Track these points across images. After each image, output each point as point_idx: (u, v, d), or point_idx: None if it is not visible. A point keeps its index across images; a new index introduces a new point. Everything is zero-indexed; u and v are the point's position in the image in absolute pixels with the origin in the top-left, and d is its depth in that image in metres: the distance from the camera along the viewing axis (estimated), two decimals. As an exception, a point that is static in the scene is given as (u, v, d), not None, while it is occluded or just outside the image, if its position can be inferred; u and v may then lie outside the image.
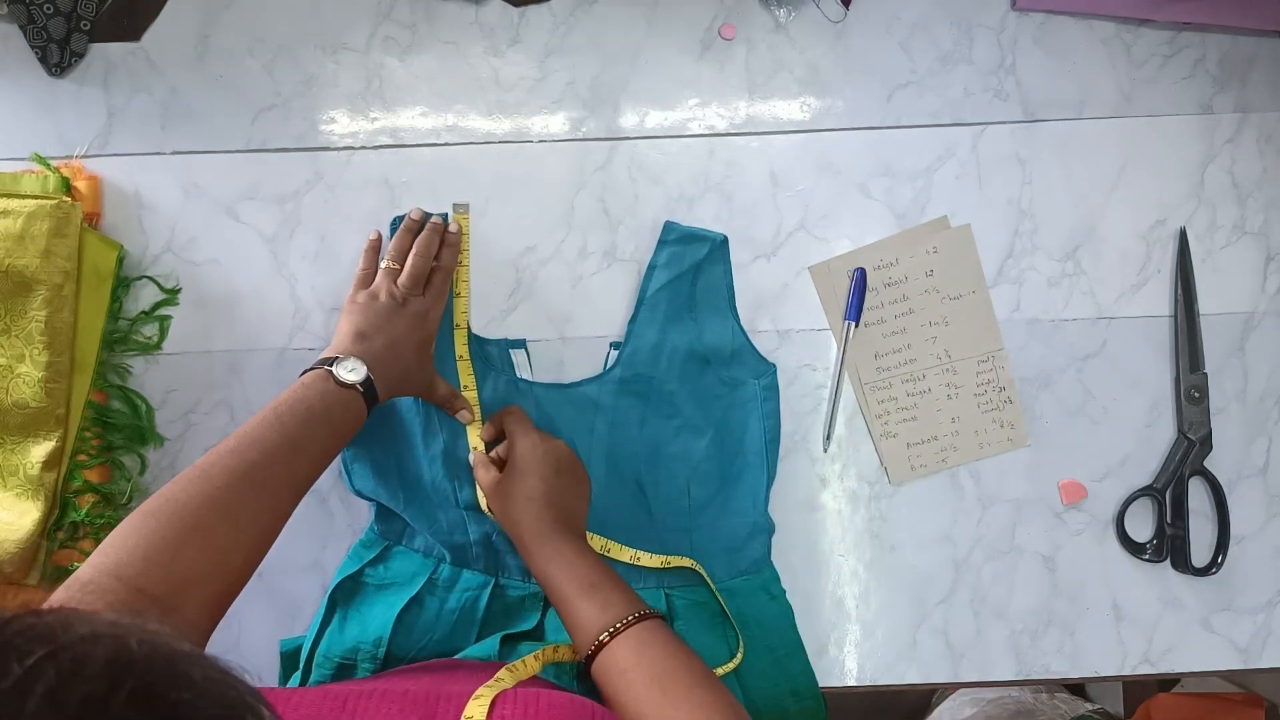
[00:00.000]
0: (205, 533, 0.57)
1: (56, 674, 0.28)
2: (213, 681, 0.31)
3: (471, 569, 0.77)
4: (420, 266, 0.75)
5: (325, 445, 0.65)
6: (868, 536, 0.82)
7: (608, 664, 0.62)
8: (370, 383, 0.67)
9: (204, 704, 0.30)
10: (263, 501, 0.60)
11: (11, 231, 0.74)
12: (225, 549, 0.58)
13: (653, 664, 0.61)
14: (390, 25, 0.83)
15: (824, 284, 0.82)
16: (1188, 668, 0.82)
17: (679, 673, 0.60)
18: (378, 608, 0.76)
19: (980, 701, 1.39)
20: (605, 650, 0.63)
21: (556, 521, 0.70)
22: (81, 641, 0.30)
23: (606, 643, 0.63)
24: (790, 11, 0.83)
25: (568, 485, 0.73)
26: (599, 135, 0.83)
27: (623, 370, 0.79)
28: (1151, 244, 0.83)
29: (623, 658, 0.62)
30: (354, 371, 0.67)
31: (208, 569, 0.57)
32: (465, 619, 0.76)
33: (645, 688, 0.60)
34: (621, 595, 0.65)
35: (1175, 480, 0.82)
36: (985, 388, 0.82)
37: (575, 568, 0.67)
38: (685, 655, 0.62)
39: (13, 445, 0.76)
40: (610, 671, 0.62)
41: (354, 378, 0.66)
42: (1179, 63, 0.84)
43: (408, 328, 0.72)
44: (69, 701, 0.28)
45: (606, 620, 0.63)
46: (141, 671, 0.30)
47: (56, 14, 0.80)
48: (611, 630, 0.63)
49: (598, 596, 0.65)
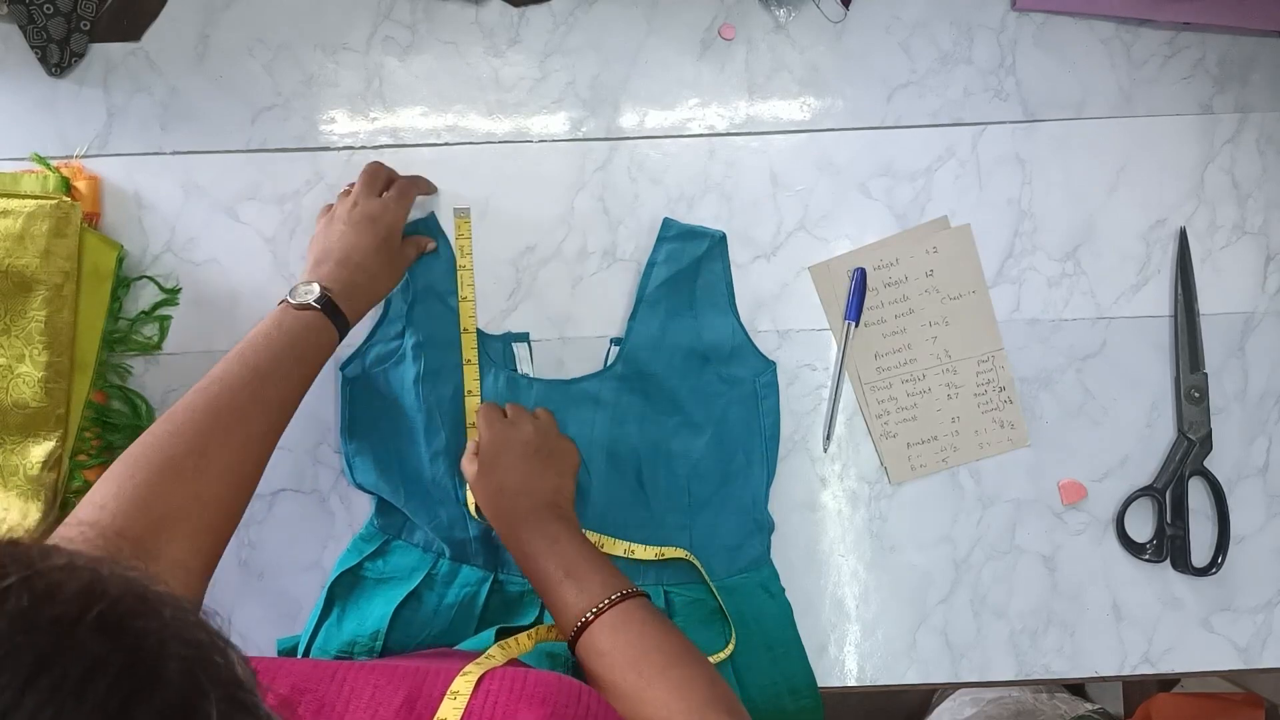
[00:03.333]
0: (174, 469, 0.57)
1: (29, 595, 0.29)
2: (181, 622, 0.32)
3: (471, 564, 0.77)
4: (371, 174, 0.76)
5: (293, 370, 0.65)
6: (868, 536, 0.82)
7: (588, 647, 0.62)
8: (328, 300, 0.67)
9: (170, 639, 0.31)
10: (231, 432, 0.60)
11: (11, 231, 0.74)
12: (198, 483, 0.58)
13: (629, 646, 0.61)
14: (390, 25, 0.83)
15: (824, 284, 0.82)
16: (1188, 668, 0.82)
17: (654, 653, 0.60)
18: (376, 602, 0.76)
19: (980, 701, 1.39)
20: (585, 634, 0.63)
21: (530, 509, 0.69)
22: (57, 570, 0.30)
23: (585, 627, 0.63)
24: (790, 11, 0.83)
25: (538, 467, 0.72)
26: (599, 135, 0.83)
27: (623, 367, 0.79)
28: (1151, 244, 0.83)
29: (601, 641, 0.62)
30: (307, 293, 0.67)
31: (183, 504, 0.57)
32: (464, 614, 0.76)
33: (622, 670, 0.60)
34: (599, 577, 0.65)
35: (1175, 480, 0.82)
36: (985, 388, 0.82)
37: (551, 554, 0.66)
38: (662, 635, 0.62)
39: (13, 445, 0.76)
40: (590, 655, 0.62)
41: (307, 297, 0.67)
42: (1179, 63, 0.84)
43: (358, 234, 0.72)
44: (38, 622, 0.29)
45: (584, 604, 0.63)
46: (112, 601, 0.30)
47: (56, 14, 0.80)
48: (588, 616, 0.63)
49: (574, 581, 0.65)
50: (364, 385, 0.79)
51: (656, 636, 0.61)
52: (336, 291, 0.68)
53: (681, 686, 0.58)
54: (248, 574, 0.80)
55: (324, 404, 0.81)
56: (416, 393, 0.77)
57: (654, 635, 0.61)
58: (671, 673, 0.59)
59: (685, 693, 0.58)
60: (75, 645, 0.29)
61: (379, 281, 0.73)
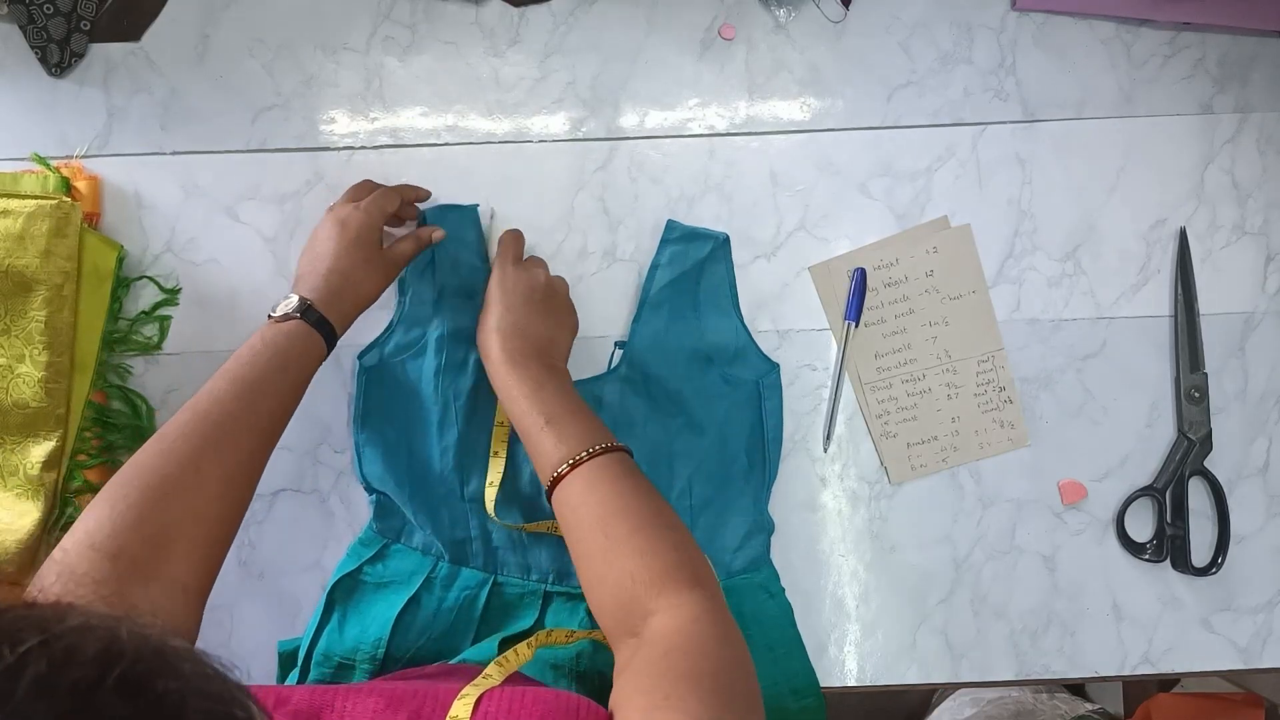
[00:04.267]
0: (169, 488, 0.57)
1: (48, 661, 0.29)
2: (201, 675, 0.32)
3: (470, 566, 0.77)
4: (355, 186, 0.76)
5: (279, 382, 0.64)
6: (868, 536, 0.82)
7: (561, 500, 0.62)
8: (309, 308, 0.67)
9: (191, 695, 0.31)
10: (224, 447, 0.60)
11: (11, 231, 0.74)
12: (194, 501, 0.57)
13: (600, 504, 0.60)
14: (390, 25, 0.83)
15: (824, 284, 0.82)
16: (1188, 668, 0.82)
17: (624, 514, 0.59)
18: (377, 607, 0.76)
19: (980, 701, 1.39)
20: (560, 485, 0.62)
21: (521, 352, 0.69)
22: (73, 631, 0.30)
23: (562, 477, 0.62)
24: (790, 11, 0.83)
25: (539, 314, 0.72)
26: (599, 135, 0.83)
27: (627, 369, 0.79)
28: (1151, 244, 0.83)
29: (575, 494, 0.61)
30: (286, 304, 0.67)
31: (180, 523, 0.56)
32: (464, 617, 0.76)
33: (590, 528, 0.59)
34: (580, 428, 0.64)
35: (1175, 480, 0.82)
36: (985, 388, 0.82)
37: (535, 400, 0.66)
38: (636, 494, 0.61)
39: (13, 445, 0.76)
40: (563, 508, 0.61)
41: (286, 308, 0.66)
42: (1179, 63, 0.84)
43: (327, 239, 0.71)
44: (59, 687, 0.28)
45: (561, 454, 0.62)
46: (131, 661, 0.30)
47: (56, 14, 0.80)
48: (566, 465, 0.62)
49: (554, 429, 0.64)
50: (380, 375, 0.79)
51: (628, 496, 0.60)
52: (317, 300, 0.67)
53: (646, 552, 0.57)
54: (248, 574, 0.80)
55: (324, 404, 0.81)
56: (435, 385, 0.77)
57: (626, 495, 0.60)
58: (638, 537, 0.58)
59: (649, 559, 0.57)
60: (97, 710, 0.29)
61: (360, 285, 0.71)
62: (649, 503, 0.61)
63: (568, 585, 0.77)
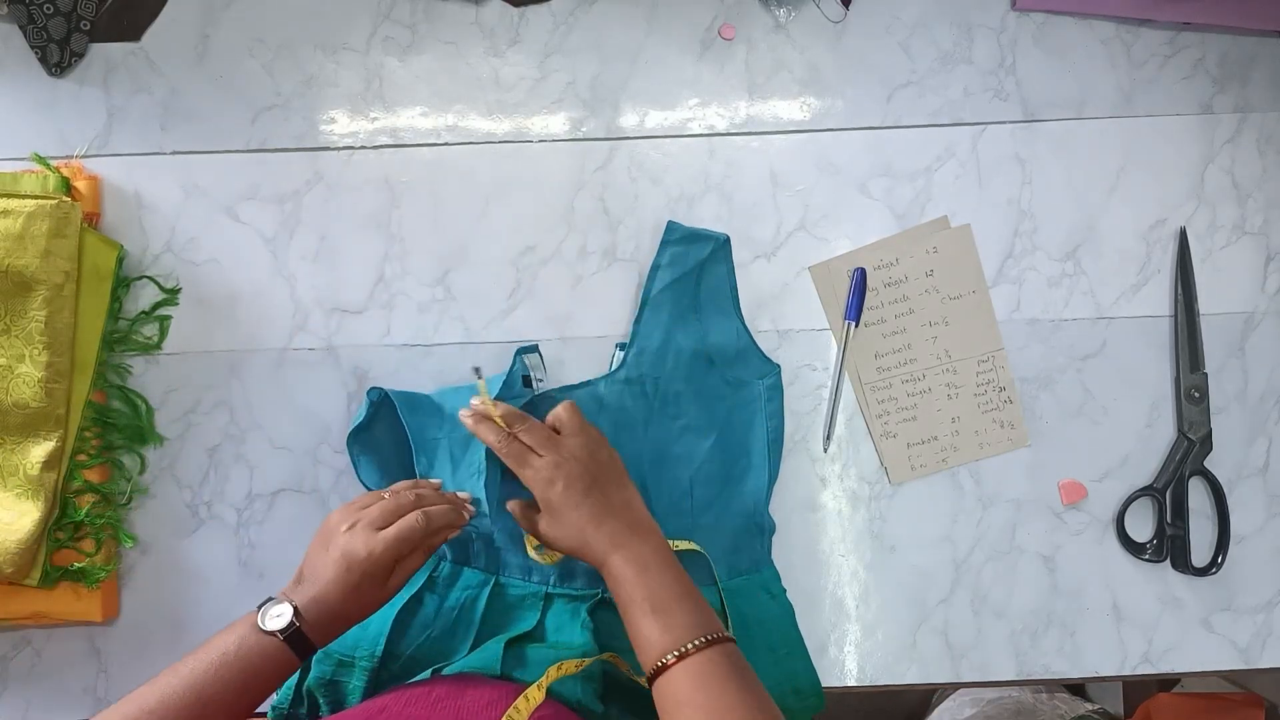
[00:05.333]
0: None
1: None
2: None
3: (472, 567, 0.77)
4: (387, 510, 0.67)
5: (240, 703, 0.61)
6: (868, 536, 0.82)
7: (666, 691, 0.60)
8: (297, 632, 0.62)
9: None
10: None
11: (11, 231, 0.74)
12: None
13: (708, 700, 0.59)
14: (390, 25, 0.83)
15: (824, 284, 0.82)
16: (1188, 668, 0.82)
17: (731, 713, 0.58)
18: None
19: (980, 701, 1.39)
20: (665, 675, 0.61)
21: (614, 535, 0.66)
22: None
23: (668, 668, 0.61)
24: (790, 11, 0.83)
25: (603, 490, 0.69)
26: (599, 135, 0.83)
27: (629, 371, 0.79)
28: (1151, 244, 0.83)
29: (680, 688, 0.60)
30: (277, 619, 0.62)
31: None
32: (464, 617, 0.76)
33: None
34: (687, 616, 0.63)
35: (1175, 480, 0.82)
36: (985, 388, 0.82)
37: (639, 583, 0.64)
38: (744, 691, 0.59)
39: (13, 445, 0.76)
40: (667, 700, 0.60)
41: (274, 625, 0.62)
42: (1179, 63, 0.84)
43: (333, 572, 0.65)
44: None
45: (667, 644, 0.61)
46: None
47: (56, 14, 0.80)
48: (669, 658, 0.61)
49: (661, 616, 0.62)
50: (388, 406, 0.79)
51: (737, 694, 0.59)
52: (307, 620, 0.63)
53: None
54: (248, 574, 0.81)
55: (324, 404, 0.81)
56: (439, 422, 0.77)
57: (738, 692, 0.59)
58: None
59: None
60: None
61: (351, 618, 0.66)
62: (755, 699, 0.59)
63: (569, 587, 0.77)
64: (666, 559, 0.66)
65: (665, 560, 0.66)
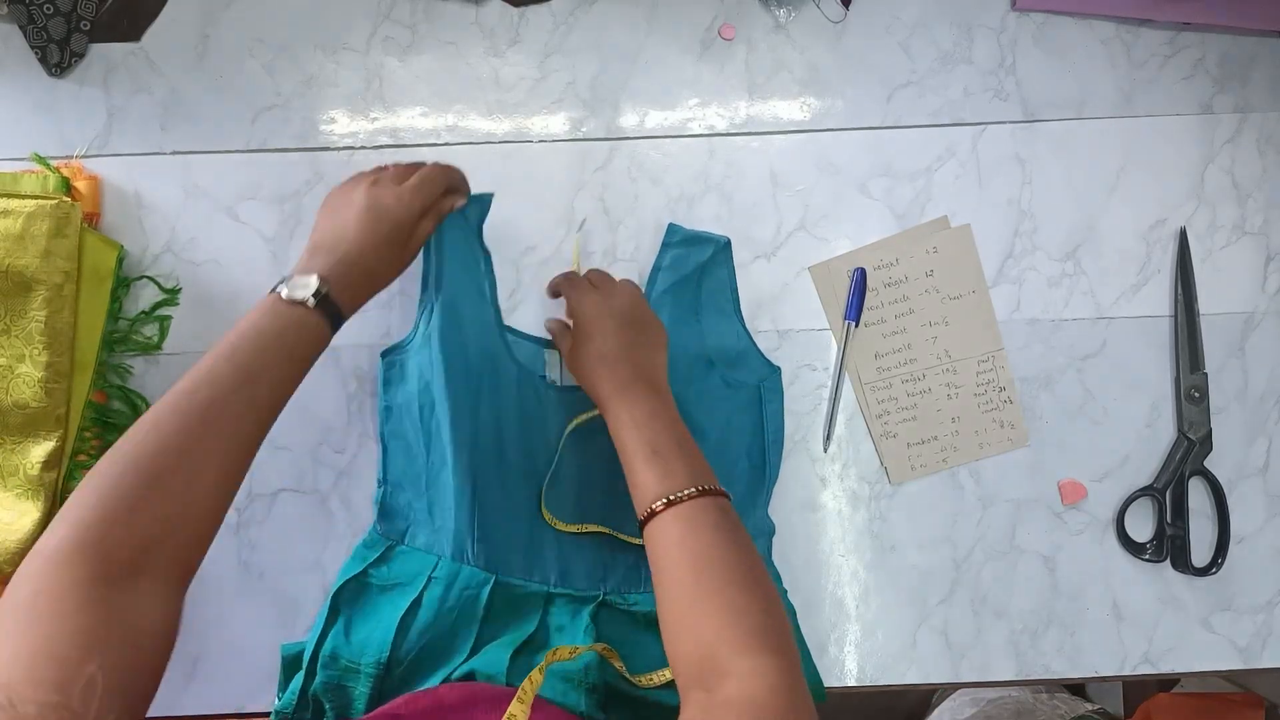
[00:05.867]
0: (164, 483, 0.53)
1: None
2: None
3: (473, 565, 0.77)
4: (404, 168, 0.71)
5: (283, 370, 0.60)
6: (868, 536, 0.82)
7: (656, 535, 0.61)
8: (325, 296, 0.62)
9: None
10: (222, 440, 0.56)
11: (11, 231, 0.74)
12: (187, 496, 0.54)
13: (695, 547, 0.59)
14: (390, 25, 0.83)
15: (824, 284, 0.82)
16: (1188, 668, 0.82)
17: (718, 564, 0.58)
18: (383, 609, 0.76)
19: (980, 701, 1.39)
20: (656, 519, 0.61)
21: (630, 379, 0.68)
22: None
23: (659, 512, 0.61)
24: (790, 11, 0.83)
25: (636, 336, 0.70)
26: (599, 135, 0.83)
27: None
28: (1151, 244, 0.83)
29: (670, 532, 0.60)
30: (303, 288, 0.62)
31: (171, 519, 0.53)
32: (466, 616, 0.75)
33: (682, 570, 0.58)
34: (685, 465, 0.63)
35: (1175, 480, 0.82)
36: (985, 388, 0.82)
37: (643, 430, 0.65)
38: (731, 545, 0.59)
39: (13, 445, 0.76)
40: (656, 543, 0.60)
41: (300, 294, 0.61)
42: (1179, 63, 0.84)
43: (360, 228, 0.66)
44: None
45: (663, 489, 0.61)
46: None
47: (56, 14, 0.80)
48: (664, 501, 0.61)
49: (660, 463, 0.63)
50: (400, 369, 0.79)
51: (724, 546, 0.59)
52: (334, 284, 0.63)
53: (735, 609, 0.56)
54: (248, 574, 0.80)
55: (324, 404, 0.81)
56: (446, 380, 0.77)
57: (722, 544, 0.59)
58: (730, 590, 0.57)
59: (736, 617, 0.56)
60: None
61: (378, 278, 0.69)
62: (745, 556, 0.59)
63: (570, 587, 0.77)
64: (670, 414, 0.67)
65: (669, 415, 0.67)
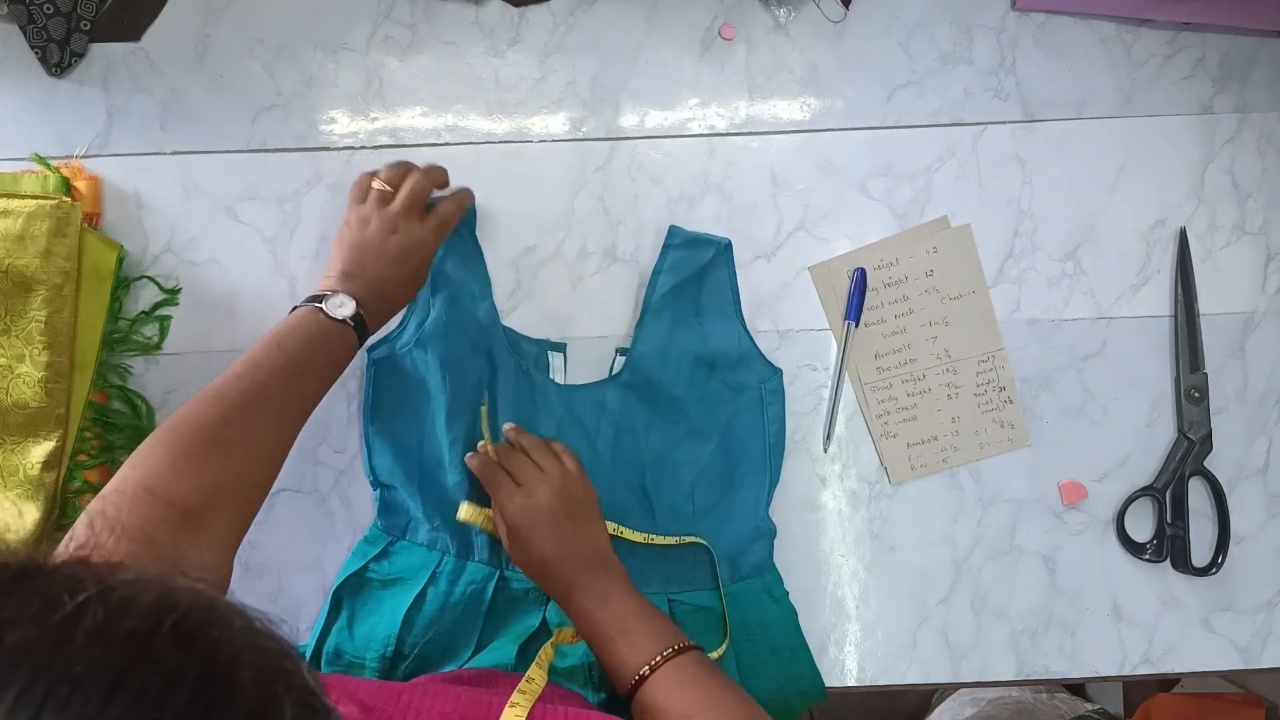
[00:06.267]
0: (226, 448, 0.59)
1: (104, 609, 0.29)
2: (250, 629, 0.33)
3: (476, 560, 0.77)
4: (417, 191, 0.74)
5: (326, 370, 0.67)
6: (868, 536, 0.82)
7: (644, 705, 0.63)
8: (360, 317, 0.69)
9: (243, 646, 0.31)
10: (274, 420, 0.63)
11: (11, 231, 0.74)
12: (245, 463, 0.60)
13: (682, 705, 0.61)
14: (390, 25, 0.83)
15: (824, 284, 0.82)
16: (1188, 668, 0.82)
17: (709, 710, 0.60)
18: (385, 604, 0.76)
19: (980, 701, 1.39)
20: (640, 692, 0.63)
21: (576, 572, 0.69)
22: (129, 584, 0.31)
23: (640, 684, 0.63)
24: (790, 11, 0.83)
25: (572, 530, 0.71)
26: (599, 135, 0.83)
27: (629, 375, 0.79)
28: (1151, 244, 0.83)
29: (655, 698, 0.62)
30: (343, 307, 0.68)
31: (230, 483, 0.58)
32: (470, 611, 0.76)
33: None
34: (650, 633, 0.65)
35: (1175, 480, 0.82)
36: (985, 388, 0.82)
37: (602, 614, 0.67)
38: (714, 691, 0.62)
39: (13, 445, 0.76)
40: (646, 713, 0.63)
41: (344, 314, 0.68)
42: (1179, 63, 0.84)
43: (390, 263, 0.72)
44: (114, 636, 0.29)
45: (637, 661, 0.64)
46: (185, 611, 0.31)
47: (56, 14, 0.80)
48: (642, 673, 0.63)
49: (627, 638, 0.65)
50: (390, 367, 0.79)
51: (709, 693, 0.62)
52: (367, 310, 0.69)
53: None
54: (248, 574, 0.80)
55: (324, 404, 0.80)
56: (442, 376, 0.77)
57: (706, 692, 0.62)
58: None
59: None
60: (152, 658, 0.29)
61: (398, 302, 0.75)
62: (729, 696, 0.62)
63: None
64: (625, 588, 0.69)
65: (624, 590, 0.69)
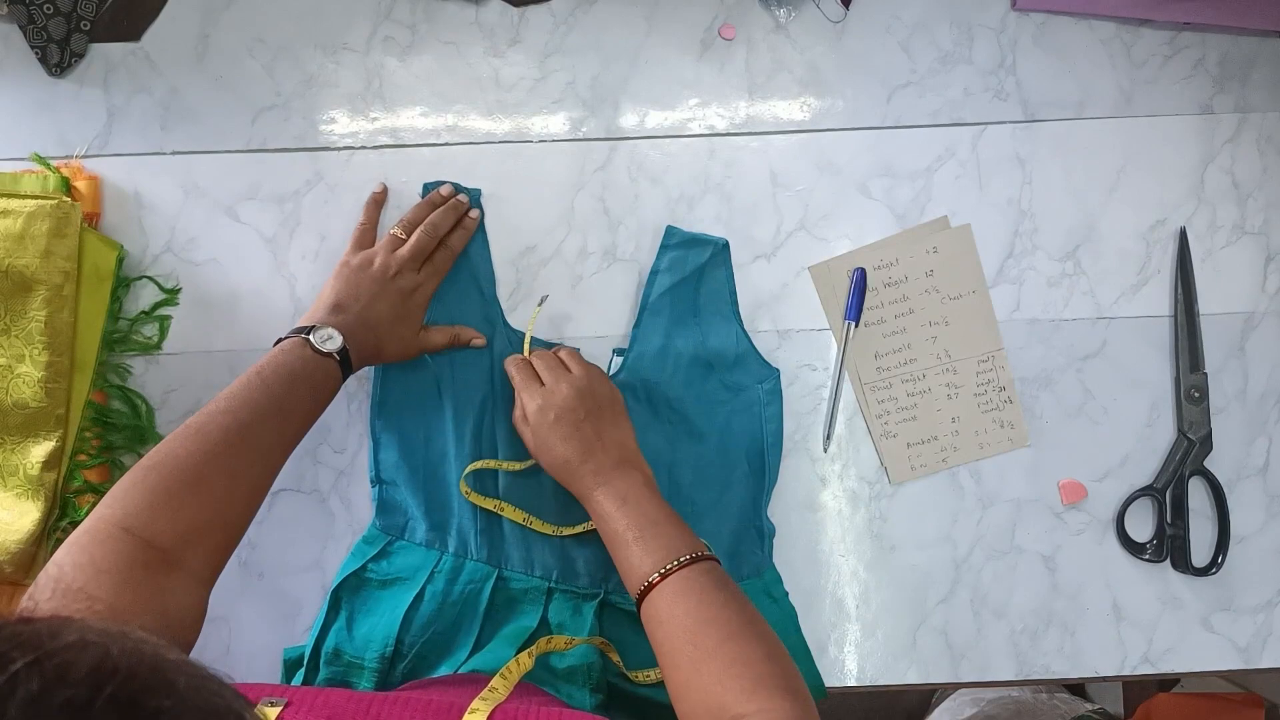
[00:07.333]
0: (205, 487, 0.59)
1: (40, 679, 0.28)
2: (197, 690, 0.31)
3: (474, 559, 0.77)
4: (424, 243, 0.76)
5: (309, 407, 0.67)
6: (868, 536, 0.82)
7: (651, 612, 0.62)
8: (346, 352, 0.69)
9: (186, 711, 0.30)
10: (255, 458, 0.62)
11: (11, 231, 0.74)
12: (224, 502, 0.60)
13: (687, 615, 0.60)
14: (390, 25, 0.83)
15: (824, 284, 0.82)
16: (1188, 668, 0.82)
17: (713, 625, 0.59)
18: (385, 605, 0.76)
19: (980, 701, 1.39)
20: (649, 597, 0.62)
21: (598, 471, 0.69)
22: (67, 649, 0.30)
23: (648, 591, 0.62)
24: (790, 11, 0.83)
25: (594, 430, 0.70)
26: (599, 135, 0.83)
27: (627, 376, 0.79)
28: (1151, 244, 0.83)
29: (661, 607, 0.61)
30: (330, 341, 0.68)
31: (209, 521, 0.59)
32: (468, 611, 0.76)
33: (680, 641, 0.59)
34: (665, 539, 0.64)
35: (1175, 480, 0.82)
36: (985, 388, 0.82)
37: (620, 515, 0.66)
38: (723, 604, 0.60)
39: (13, 445, 0.76)
40: (651, 622, 0.62)
41: (330, 347, 0.68)
42: (1179, 63, 0.84)
43: (389, 304, 0.73)
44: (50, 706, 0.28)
45: (648, 567, 0.63)
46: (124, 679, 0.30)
47: (56, 14, 0.80)
48: (650, 579, 0.62)
49: (642, 542, 0.64)
50: (397, 365, 0.79)
51: (716, 606, 0.60)
52: (353, 350, 0.69)
53: (736, 663, 0.57)
54: (248, 574, 0.80)
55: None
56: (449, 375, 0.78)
57: (714, 605, 0.60)
58: (728, 646, 0.58)
59: (739, 669, 0.57)
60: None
61: (384, 351, 0.74)
62: (737, 611, 0.60)
63: (571, 584, 0.77)
64: (648, 490, 0.68)
65: (647, 491, 0.68)
